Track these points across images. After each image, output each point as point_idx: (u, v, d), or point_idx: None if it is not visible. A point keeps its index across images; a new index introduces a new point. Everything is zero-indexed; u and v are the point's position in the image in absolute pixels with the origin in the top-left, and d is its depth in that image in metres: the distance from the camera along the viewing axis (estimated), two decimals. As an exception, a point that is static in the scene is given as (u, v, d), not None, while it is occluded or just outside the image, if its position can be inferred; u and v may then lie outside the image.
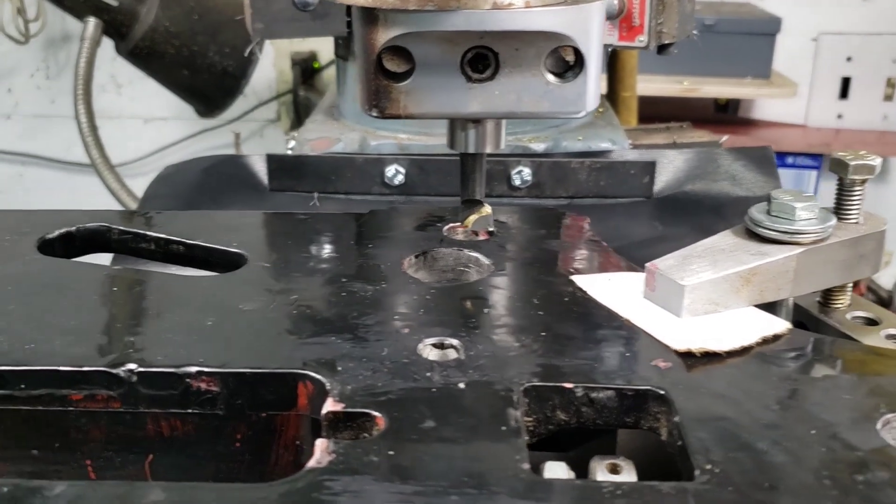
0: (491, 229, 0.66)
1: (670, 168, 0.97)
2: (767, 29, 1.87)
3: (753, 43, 1.84)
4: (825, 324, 0.62)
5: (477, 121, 0.58)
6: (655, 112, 1.43)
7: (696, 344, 0.51)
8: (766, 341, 0.53)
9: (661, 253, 0.57)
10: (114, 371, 0.49)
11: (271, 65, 1.97)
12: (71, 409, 0.50)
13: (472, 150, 0.59)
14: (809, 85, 1.94)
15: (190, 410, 0.50)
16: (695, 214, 0.94)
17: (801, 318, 0.63)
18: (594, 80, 0.54)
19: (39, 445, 0.52)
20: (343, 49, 1.02)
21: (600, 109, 1.11)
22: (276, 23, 0.86)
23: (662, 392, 0.47)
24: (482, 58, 0.53)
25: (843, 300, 0.63)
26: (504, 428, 0.44)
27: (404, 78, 0.53)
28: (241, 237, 0.68)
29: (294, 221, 0.72)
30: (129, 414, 0.51)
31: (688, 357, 0.51)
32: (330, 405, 0.46)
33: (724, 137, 1.00)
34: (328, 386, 0.47)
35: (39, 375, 0.49)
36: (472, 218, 0.64)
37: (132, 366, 0.49)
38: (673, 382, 0.48)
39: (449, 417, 0.44)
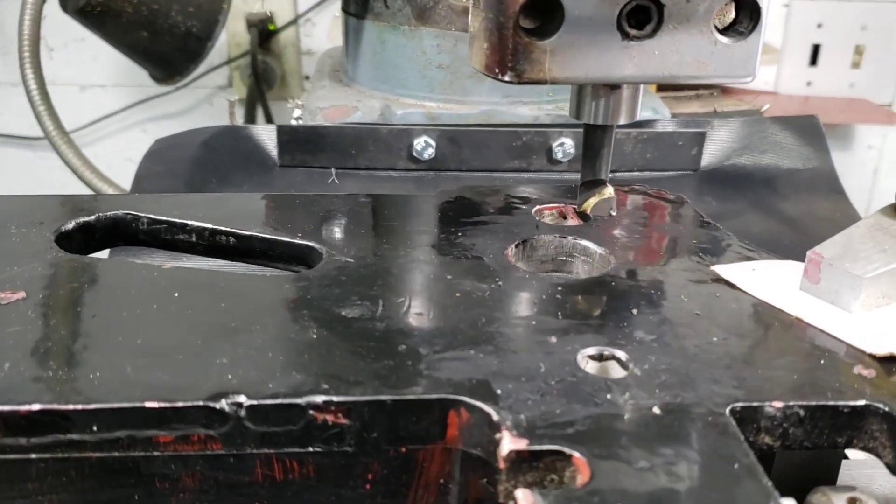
0: (613, 213, 0.57)
1: (715, 139, 0.91)
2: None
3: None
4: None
5: (614, 86, 0.49)
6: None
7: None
8: (960, 340, 0.46)
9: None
10: (216, 405, 0.39)
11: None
12: (157, 453, 0.40)
13: (601, 120, 0.51)
14: (780, 52, 1.91)
15: (311, 449, 0.40)
16: (747, 189, 0.88)
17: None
18: (762, 42, 0.46)
19: (115, 500, 0.41)
20: (356, 5, 0.92)
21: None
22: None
23: (885, 408, 0.40)
24: (643, 10, 0.44)
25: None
26: (736, 465, 0.36)
27: (549, 34, 0.44)
28: (297, 224, 0.58)
29: (355, 204, 0.62)
30: (233, 457, 0.41)
31: (890, 362, 0.44)
32: (511, 442, 0.37)
33: (766, 105, 0.94)
34: (495, 416, 0.38)
35: (117, 415, 0.39)
36: (593, 201, 0.55)
37: (240, 398, 0.39)
38: (891, 394, 0.41)
39: (661, 453, 0.36)
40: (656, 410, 0.39)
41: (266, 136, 0.88)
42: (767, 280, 0.51)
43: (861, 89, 1.92)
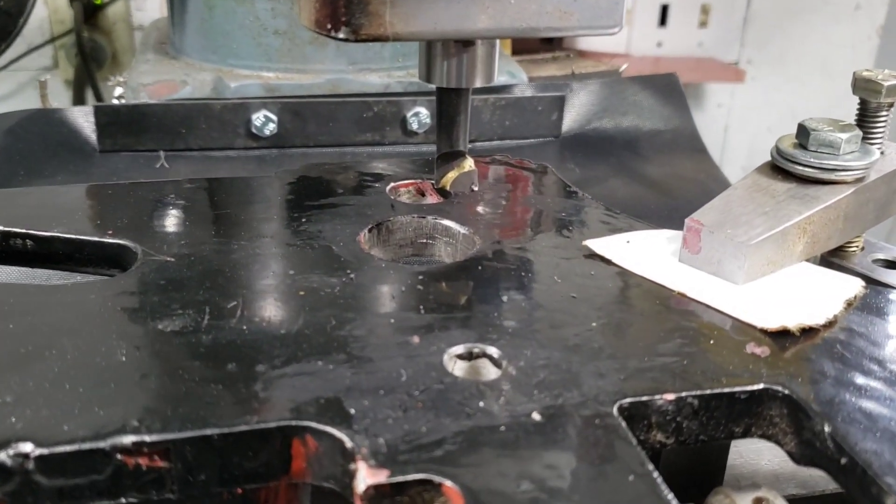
0: (475, 188, 0.51)
1: (575, 103, 0.87)
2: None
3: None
4: (848, 271, 0.54)
5: (466, 43, 0.43)
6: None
7: (789, 319, 0.40)
8: (850, 305, 0.43)
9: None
10: (-6, 459, 0.31)
11: (42, 2, 1.65)
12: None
13: (455, 83, 0.44)
14: (631, 12, 1.91)
15: (124, 501, 0.33)
16: (609, 153, 0.84)
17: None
18: (628, -14, 0.41)
19: None
20: (178, -31, 0.82)
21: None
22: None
23: (785, 391, 0.36)
24: (494, -47, 0.38)
25: (858, 243, 0.55)
26: (631, 477, 0.31)
27: (387, -18, 0.37)
28: (109, 220, 0.49)
29: (179, 191, 0.54)
30: (24, 519, 0.33)
31: (782, 337, 0.40)
32: (368, 475, 0.30)
33: (624, 66, 0.90)
34: (349, 442, 0.32)
35: None
36: (452, 175, 0.49)
37: (26, 447, 0.31)
38: (788, 374, 0.37)
39: (544, 471, 0.31)
40: (536, 416, 0.34)
41: (83, 118, 0.77)
42: (644, 253, 0.47)
43: (709, 48, 1.95)
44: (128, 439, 0.32)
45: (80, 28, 1.56)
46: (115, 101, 0.81)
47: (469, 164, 0.50)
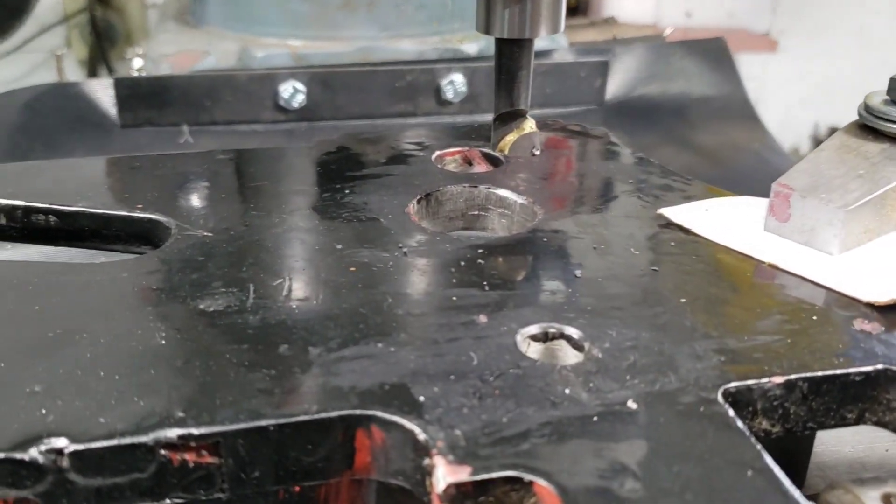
0: (537, 152, 0.47)
1: (619, 68, 0.82)
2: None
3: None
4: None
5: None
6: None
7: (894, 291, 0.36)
8: (959, 277, 0.39)
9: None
10: (23, 457, 0.27)
11: (53, -21, 1.61)
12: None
13: (518, 33, 0.40)
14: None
15: (169, 502, 0.29)
16: (657, 121, 0.80)
17: None
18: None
19: None
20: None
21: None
22: None
23: (905, 372, 0.32)
24: None
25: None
26: (749, 472, 0.27)
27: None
28: (137, 194, 0.45)
29: (211, 163, 0.50)
30: (58, 523, 0.29)
31: (893, 312, 0.36)
32: (449, 472, 0.27)
33: (669, 30, 0.86)
34: (421, 434, 0.28)
35: None
36: (511, 138, 0.45)
37: (60, 442, 0.27)
38: (905, 353, 0.33)
39: (648, 468, 0.27)
40: (631, 404, 0.30)
41: (102, 92, 0.73)
42: (726, 221, 0.42)
43: (740, 18, 1.89)
44: (173, 432, 0.28)
45: (92, 6, 1.52)
46: (134, 74, 0.78)
47: (530, 125, 0.46)
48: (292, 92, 0.72)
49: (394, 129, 0.75)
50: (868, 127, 0.44)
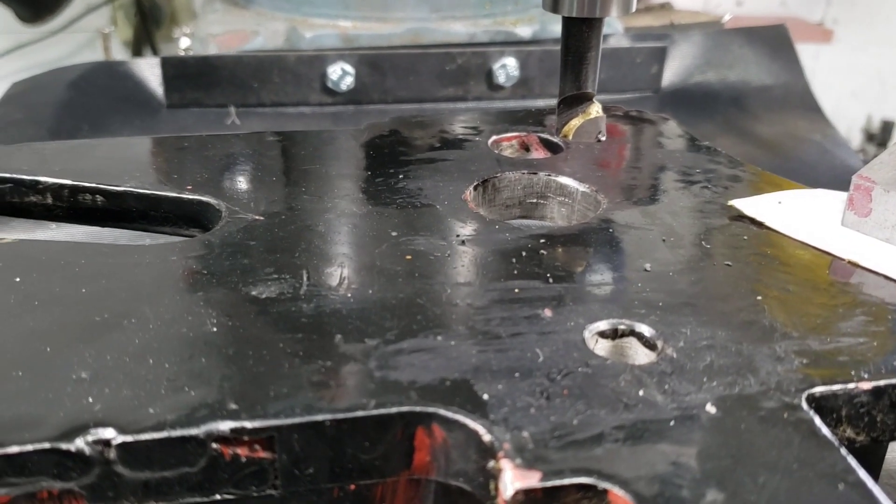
0: (602, 137, 0.45)
1: (676, 55, 0.79)
2: None
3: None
4: None
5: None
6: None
7: None
8: None
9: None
10: (69, 447, 0.26)
11: (99, -40, 1.61)
12: (-14, 521, 0.27)
13: (588, 12, 0.38)
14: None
15: (219, 497, 0.28)
16: (714, 109, 0.77)
17: None
18: None
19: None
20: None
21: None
22: None
23: None
24: None
25: None
26: (841, 486, 0.25)
27: None
28: (186, 175, 0.44)
29: (261, 145, 0.49)
30: (104, 516, 0.28)
31: None
32: (516, 476, 0.25)
33: (728, 16, 0.83)
34: (486, 435, 0.26)
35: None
36: (576, 122, 0.43)
37: (107, 433, 0.26)
38: None
39: (731, 477, 0.25)
40: (711, 409, 0.28)
41: (149, 71, 0.73)
42: (800, 215, 0.40)
43: (792, 7, 1.84)
44: (225, 425, 0.27)
45: (139, -14, 1.52)
46: (182, 53, 0.77)
47: (597, 109, 0.44)
48: (341, 74, 0.71)
49: (444, 114, 0.74)
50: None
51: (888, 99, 1.94)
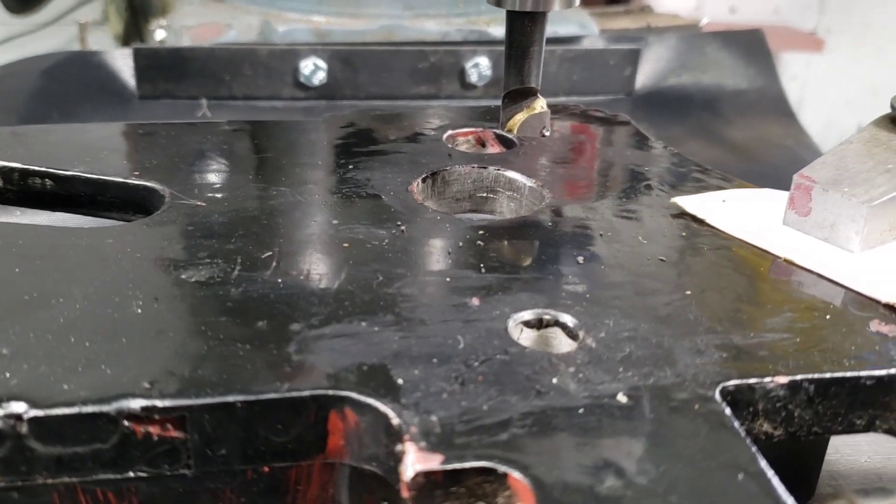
0: (547, 132, 0.45)
1: (650, 57, 0.80)
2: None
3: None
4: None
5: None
6: None
7: (919, 294, 0.34)
8: None
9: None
10: (-21, 421, 0.26)
11: (91, -47, 1.61)
12: None
13: (531, 5, 0.38)
14: (703, -24, 1.82)
15: (132, 475, 0.28)
16: (687, 112, 0.77)
17: None
18: None
19: None
20: None
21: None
22: None
23: (922, 378, 0.30)
24: None
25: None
26: (740, 476, 0.25)
27: None
28: (137, 161, 0.44)
29: (216, 134, 0.49)
30: (18, 490, 0.28)
31: (912, 315, 0.33)
32: (418, 459, 0.25)
33: (705, 20, 0.83)
34: (395, 418, 0.27)
35: None
36: (521, 117, 0.43)
37: (19, 407, 0.26)
38: (924, 359, 0.31)
39: (633, 465, 0.25)
40: (622, 398, 0.28)
41: (122, 62, 0.73)
42: (743, 213, 0.40)
43: (785, 15, 1.84)
44: (136, 403, 0.27)
45: (130, -20, 1.52)
46: (157, 44, 0.77)
47: (541, 104, 0.44)
48: (313, 69, 0.71)
49: (404, 109, 0.74)
50: (893, 120, 0.42)
51: (881, 109, 1.94)
